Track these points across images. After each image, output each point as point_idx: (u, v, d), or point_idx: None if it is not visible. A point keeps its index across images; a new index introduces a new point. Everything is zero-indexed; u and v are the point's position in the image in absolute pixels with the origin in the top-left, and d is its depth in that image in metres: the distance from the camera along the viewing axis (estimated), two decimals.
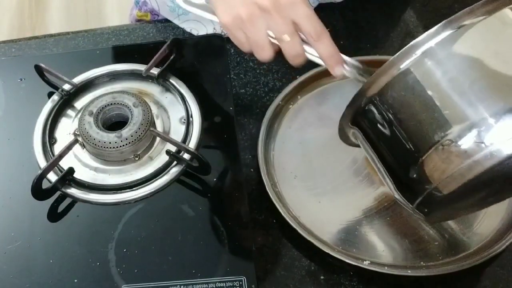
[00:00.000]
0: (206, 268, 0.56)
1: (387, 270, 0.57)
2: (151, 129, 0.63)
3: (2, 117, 0.68)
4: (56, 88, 0.69)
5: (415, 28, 0.80)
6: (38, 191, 0.59)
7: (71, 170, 0.61)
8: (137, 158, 0.63)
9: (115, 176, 0.62)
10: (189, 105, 0.67)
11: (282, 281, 0.59)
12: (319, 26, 0.52)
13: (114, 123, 0.65)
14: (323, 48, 0.53)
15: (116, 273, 0.56)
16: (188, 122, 0.66)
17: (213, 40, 0.74)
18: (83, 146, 0.64)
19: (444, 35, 0.44)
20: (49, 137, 0.65)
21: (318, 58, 0.54)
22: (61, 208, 0.60)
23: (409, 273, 0.57)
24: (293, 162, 0.67)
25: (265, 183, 0.63)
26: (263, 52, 0.55)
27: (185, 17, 0.79)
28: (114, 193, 0.61)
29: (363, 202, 0.64)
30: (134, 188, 0.61)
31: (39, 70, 0.68)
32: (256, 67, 0.76)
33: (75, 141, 0.63)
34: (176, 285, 0.55)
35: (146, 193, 0.61)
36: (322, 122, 0.70)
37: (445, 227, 0.61)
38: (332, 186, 0.65)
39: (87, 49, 0.78)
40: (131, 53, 0.73)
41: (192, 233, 0.58)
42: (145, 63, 0.68)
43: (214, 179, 0.62)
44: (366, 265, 0.58)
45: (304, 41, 0.54)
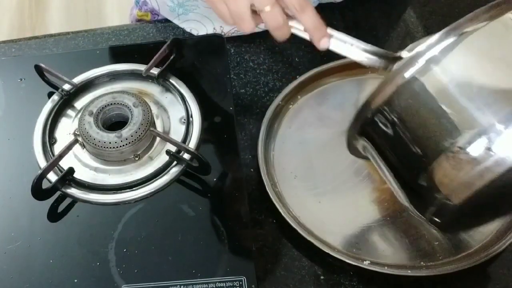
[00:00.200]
0: (206, 268, 0.56)
1: (387, 270, 0.57)
2: (151, 129, 0.63)
3: (2, 117, 0.68)
4: (56, 88, 0.69)
5: (415, 28, 0.80)
6: (38, 191, 0.59)
7: (71, 170, 0.61)
8: (137, 158, 0.63)
9: (115, 176, 0.62)
10: (189, 105, 0.67)
11: (282, 281, 0.59)
12: None
13: (114, 123, 0.65)
14: (308, 20, 0.52)
15: (116, 273, 0.56)
16: (188, 122, 0.66)
17: (213, 40, 0.74)
18: (83, 146, 0.64)
19: (448, 42, 0.44)
20: (49, 137, 0.65)
21: (303, 32, 0.53)
22: (61, 208, 0.60)
23: (409, 273, 0.57)
24: (293, 162, 0.67)
25: (265, 183, 0.63)
26: (244, 24, 0.54)
27: (185, 17, 0.79)
28: (114, 193, 0.61)
29: (363, 202, 0.64)
30: (134, 188, 0.61)
31: (39, 70, 0.68)
32: (256, 67, 0.76)
33: (75, 141, 0.63)
34: (176, 285, 0.55)
35: (146, 193, 0.61)
36: (322, 122, 0.70)
37: None
38: (332, 186, 0.65)
39: (87, 49, 0.78)
40: (131, 53, 0.73)
41: (192, 233, 0.58)
42: (145, 63, 0.68)
43: (214, 179, 0.62)
44: (366, 265, 0.58)
45: (289, 16, 0.53)
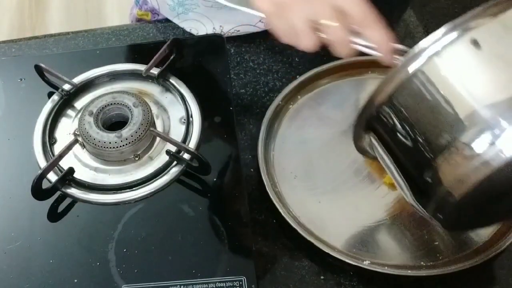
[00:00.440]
0: (206, 268, 0.56)
1: (387, 270, 0.57)
2: (151, 129, 0.63)
3: (2, 117, 0.68)
4: (56, 88, 0.69)
5: (415, 28, 0.79)
6: (38, 191, 0.59)
7: (71, 170, 0.61)
8: (137, 158, 0.63)
9: (115, 176, 0.62)
10: (189, 105, 0.67)
11: (282, 281, 0.59)
12: (368, 10, 0.47)
13: (114, 123, 0.65)
14: (375, 34, 0.47)
15: (116, 273, 0.56)
16: (188, 122, 0.65)
17: (213, 40, 0.74)
18: (83, 146, 0.64)
19: (452, 38, 0.44)
20: (49, 137, 0.65)
21: (365, 47, 0.49)
22: (61, 208, 0.60)
23: (409, 273, 0.57)
24: (293, 162, 0.67)
25: (265, 183, 0.63)
26: (306, 40, 0.49)
27: (185, 16, 0.79)
28: (114, 193, 0.61)
29: (363, 202, 0.64)
30: (134, 188, 0.61)
31: (39, 70, 0.68)
32: (256, 67, 0.76)
33: (75, 141, 0.63)
34: (176, 285, 0.55)
35: (146, 193, 0.61)
36: (322, 122, 0.70)
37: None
38: (332, 186, 0.65)
39: (87, 49, 0.78)
40: (131, 53, 0.73)
41: (192, 233, 0.58)
42: (145, 63, 0.68)
43: (214, 179, 0.62)
44: (366, 265, 0.58)
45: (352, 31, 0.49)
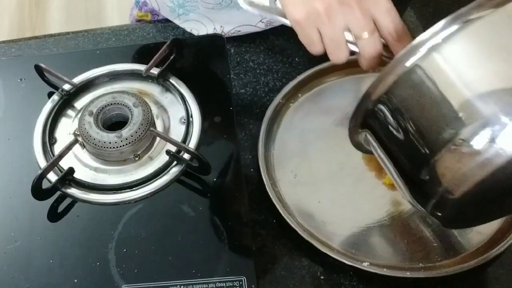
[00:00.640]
0: (206, 268, 0.56)
1: (386, 272, 0.57)
2: (151, 129, 0.63)
3: (2, 117, 0.68)
4: (56, 88, 0.69)
5: (415, 28, 0.80)
6: (38, 191, 0.59)
7: (71, 170, 0.61)
8: (137, 158, 0.63)
9: (115, 176, 0.62)
10: (189, 105, 0.67)
11: (282, 281, 0.59)
12: (401, 24, 0.47)
13: (114, 123, 0.65)
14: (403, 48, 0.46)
15: (116, 273, 0.56)
16: (188, 122, 0.65)
17: (213, 40, 0.74)
18: (83, 146, 0.64)
19: (452, 30, 0.43)
20: (49, 137, 0.65)
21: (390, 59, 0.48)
22: (61, 208, 0.60)
23: (408, 275, 0.57)
24: (293, 162, 0.67)
25: (265, 183, 0.63)
26: (340, 51, 0.49)
27: (185, 17, 0.79)
28: (114, 193, 0.61)
29: (363, 203, 0.63)
30: (134, 188, 0.61)
31: (39, 70, 0.68)
32: (256, 67, 0.76)
33: (75, 141, 0.63)
34: (176, 285, 0.55)
35: (146, 193, 0.61)
36: (323, 122, 0.70)
37: (444, 229, 0.61)
38: (332, 186, 0.65)
39: (87, 49, 0.78)
40: (131, 53, 0.73)
41: (192, 233, 0.58)
42: (145, 63, 0.68)
43: (214, 179, 0.62)
44: (365, 267, 0.58)
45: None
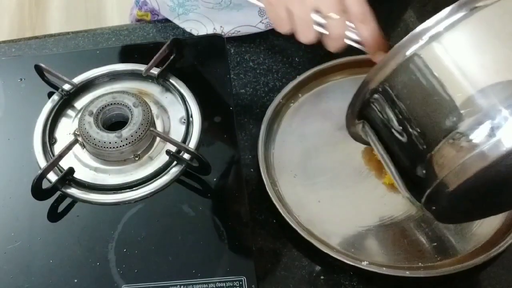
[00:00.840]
0: (206, 268, 0.56)
1: (386, 271, 0.57)
2: (151, 129, 0.63)
3: (2, 117, 0.68)
4: (56, 88, 0.69)
5: (415, 28, 0.79)
6: (38, 191, 0.59)
7: (71, 170, 0.61)
8: (137, 158, 0.63)
9: (115, 176, 0.62)
10: (189, 105, 0.67)
11: (282, 281, 0.59)
12: (366, 8, 0.49)
13: (114, 123, 0.65)
14: (368, 31, 0.49)
15: (116, 273, 0.56)
16: (188, 122, 0.65)
17: (213, 40, 0.74)
18: (83, 146, 0.64)
19: (457, 17, 0.42)
20: (49, 137, 0.65)
21: (356, 43, 0.51)
22: (61, 208, 0.60)
23: (407, 274, 0.57)
24: (293, 161, 0.67)
25: (265, 183, 0.63)
26: (308, 31, 0.50)
27: (185, 17, 0.79)
28: (114, 193, 0.61)
29: (363, 202, 0.63)
30: (134, 188, 0.61)
31: (39, 70, 0.68)
32: (256, 67, 0.76)
33: (75, 141, 0.63)
34: (176, 285, 0.55)
35: (146, 193, 0.61)
36: (323, 121, 0.70)
37: (444, 228, 0.61)
38: (332, 186, 0.65)
39: (87, 49, 0.78)
40: (131, 53, 0.73)
41: (192, 233, 0.58)
42: (145, 63, 0.68)
43: (214, 179, 0.62)
44: (365, 266, 0.58)
45: None
